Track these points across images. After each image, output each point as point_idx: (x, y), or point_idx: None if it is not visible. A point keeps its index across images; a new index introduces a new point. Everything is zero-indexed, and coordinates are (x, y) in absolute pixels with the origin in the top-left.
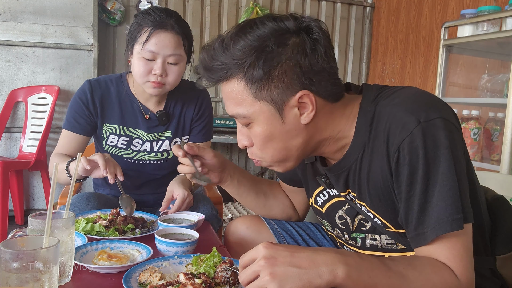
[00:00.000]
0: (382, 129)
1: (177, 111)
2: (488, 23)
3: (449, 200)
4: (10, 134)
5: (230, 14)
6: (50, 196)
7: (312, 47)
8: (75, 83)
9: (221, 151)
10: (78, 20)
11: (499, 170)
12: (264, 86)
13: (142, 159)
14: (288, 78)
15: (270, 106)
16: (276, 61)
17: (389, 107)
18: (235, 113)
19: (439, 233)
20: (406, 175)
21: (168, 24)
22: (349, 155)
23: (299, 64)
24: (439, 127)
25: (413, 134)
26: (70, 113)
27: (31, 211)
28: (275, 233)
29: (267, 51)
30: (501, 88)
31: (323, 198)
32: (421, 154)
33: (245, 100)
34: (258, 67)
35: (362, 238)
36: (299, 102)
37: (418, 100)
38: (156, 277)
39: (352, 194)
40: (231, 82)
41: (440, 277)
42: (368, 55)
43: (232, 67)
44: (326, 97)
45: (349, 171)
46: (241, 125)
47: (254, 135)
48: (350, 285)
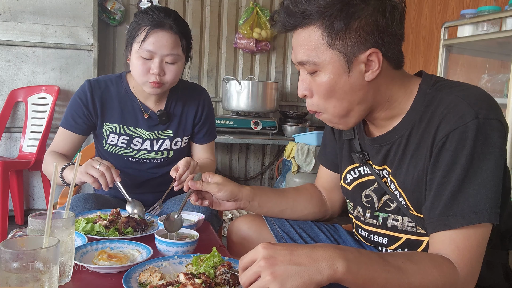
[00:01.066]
0: (439, 113)
1: (178, 111)
2: (488, 23)
3: (491, 194)
4: (10, 134)
5: (230, 14)
6: (50, 196)
7: (391, 10)
8: (75, 83)
9: (221, 151)
10: (78, 20)
11: None
12: (340, 36)
13: (143, 158)
14: (364, 33)
15: (341, 57)
16: (357, 15)
17: (452, 96)
18: (305, 59)
19: (474, 222)
20: (446, 161)
21: (166, 24)
22: (397, 129)
23: (377, 22)
24: (495, 127)
25: (468, 126)
26: (69, 112)
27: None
28: (276, 235)
29: (350, 5)
30: (501, 88)
31: (353, 175)
32: (468, 145)
33: (319, 47)
34: (340, 18)
35: (385, 217)
36: (367, 59)
37: (482, 99)
38: (156, 277)
39: (387, 169)
40: (308, 29)
41: (439, 270)
42: None
43: (314, 14)
44: (391, 60)
45: (392, 145)
46: (305, 73)
47: (319, 84)
48: (350, 279)
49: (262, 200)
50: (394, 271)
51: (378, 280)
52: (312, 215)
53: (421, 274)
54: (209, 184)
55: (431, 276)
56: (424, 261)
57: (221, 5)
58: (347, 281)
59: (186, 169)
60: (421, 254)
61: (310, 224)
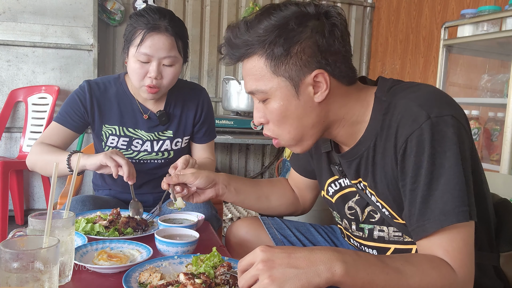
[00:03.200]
0: (395, 120)
1: (177, 111)
2: (488, 23)
3: (455, 192)
4: (10, 134)
5: (230, 14)
6: (50, 196)
7: (330, 29)
8: (75, 83)
9: (221, 151)
10: (78, 20)
11: (499, 170)
12: (283, 62)
13: (143, 159)
14: (306, 56)
15: (287, 82)
16: (296, 39)
17: (404, 100)
18: (253, 88)
19: (445, 224)
20: (411, 167)
21: (161, 26)
22: (362, 142)
23: (317, 43)
24: (449, 123)
25: (422, 128)
26: (65, 108)
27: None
28: (274, 238)
29: (288, 30)
30: (501, 88)
31: (334, 188)
32: (427, 147)
33: (265, 76)
34: (279, 44)
35: (370, 229)
36: (314, 81)
37: (432, 98)
38: (156, 277)
39: (363, 183)
40: (252, 59)
41: (438, 272)
42: (368, 55)
43: (255, 44)
44: (340, 78)
45: (361, 158)
46: (258, 102)
47: (271, 111)
48: (348, 282)
49: (238, 186)
50: (393, 273)
51: (377, 282)
52: (285, 207)
53: (419, 276)
54: (185, 174)
55: (429, 278)
56: (422, 262)
57: (221, 5)
58: (346, 284)
59: (185, 167)
60: (420, 256)
61: (307, 227)
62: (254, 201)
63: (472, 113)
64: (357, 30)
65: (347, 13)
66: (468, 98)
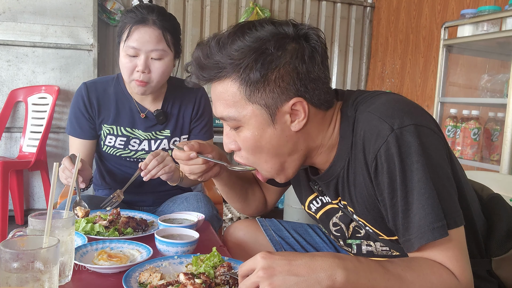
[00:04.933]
0: (360, 137)
1: (175, 110)
2: (488, 23)
3: (428, 208)
4: (10, 134)
5: (230, 14)
6: (50, 196)
7: (310, 54)
8: (75, 83)
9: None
10: (78, 20)
11: (499, 170)
12: (259, 89)
13: (141, 158)
14: (284, 83)
15: (262, 110)
16: (274, 65)
17: (365, 113)
18: (225, 115)
19: (422, 242)
20: (387, 183)
21: (149, 19)
22: (336, 162)
23: (297, 70)
24: (413, 133)
25: (388, 142)
26: (72, 119)
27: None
28: (272, 240)
29: (266, 54)
30: (501, 88)
31: (316, 205)
32: (397, 161)
33: (237, 102)
34: (256, 69)
35: (358, 244)
36: (292, 109)
37: (392, 107)
38: (156, 277)
39: (343, 202)
40: (224, 82)
41: (439, 277)
42: (368, 55)
43: (228, 67)
44: (319, 105)
45: (337, 178)
46: (228, 128)
47: (243, 140)
48: None
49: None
50: (394, 279)
51: None
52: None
53: (421, 282)
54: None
55: (430, 283)
56: (424, 268)
57: (221, 5)
58: None
59: (153, 158)
60: (421, 261)
61: (305, 228)
62: (238, 191)
63: (472, 113)
64: (357, 30)
65: (347, 13)
66: (468, 98)
